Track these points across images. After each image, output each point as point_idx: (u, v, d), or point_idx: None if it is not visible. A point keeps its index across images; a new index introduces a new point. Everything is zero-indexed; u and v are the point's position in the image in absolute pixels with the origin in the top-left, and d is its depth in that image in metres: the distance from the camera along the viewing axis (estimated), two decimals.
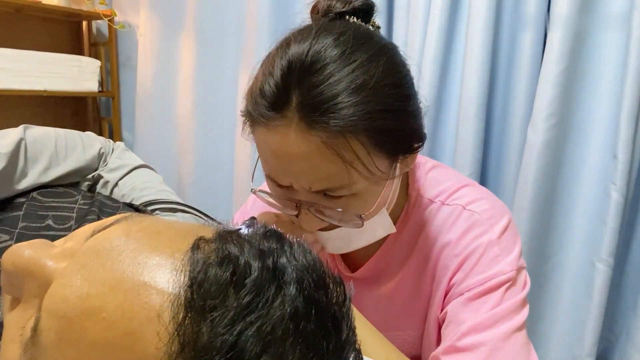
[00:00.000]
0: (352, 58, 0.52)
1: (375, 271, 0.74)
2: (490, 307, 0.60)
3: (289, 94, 0.51)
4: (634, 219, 1.25)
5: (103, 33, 2.10)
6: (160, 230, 0.30)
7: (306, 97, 0.51)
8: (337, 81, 0.51)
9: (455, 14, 1.34)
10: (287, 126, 0.52)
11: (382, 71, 0.53)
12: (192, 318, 0.25)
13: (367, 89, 0.52)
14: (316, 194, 0.56)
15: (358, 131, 0.52)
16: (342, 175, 0.54)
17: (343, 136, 0.51)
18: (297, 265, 0.28)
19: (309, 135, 0.51)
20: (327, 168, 0.53)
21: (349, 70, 0.52)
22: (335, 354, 0.28)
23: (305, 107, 0.51)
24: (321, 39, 0.53)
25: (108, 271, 0.27)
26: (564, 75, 1.19)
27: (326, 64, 0.51)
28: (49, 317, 0.27)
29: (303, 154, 0.52)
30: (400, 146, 0.58)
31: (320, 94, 0.50)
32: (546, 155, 1.23)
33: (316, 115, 0.50)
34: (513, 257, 0.64)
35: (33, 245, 0.31)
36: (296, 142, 0.52)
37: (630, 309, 1.26)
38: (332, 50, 0.52)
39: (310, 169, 0.53)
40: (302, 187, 0.56)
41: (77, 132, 0.71)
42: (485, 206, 0.67)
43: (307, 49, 0.52)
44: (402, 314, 0.74)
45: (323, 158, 0.52)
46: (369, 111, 0.52)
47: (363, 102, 0.51)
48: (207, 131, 1.83)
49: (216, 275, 0.26)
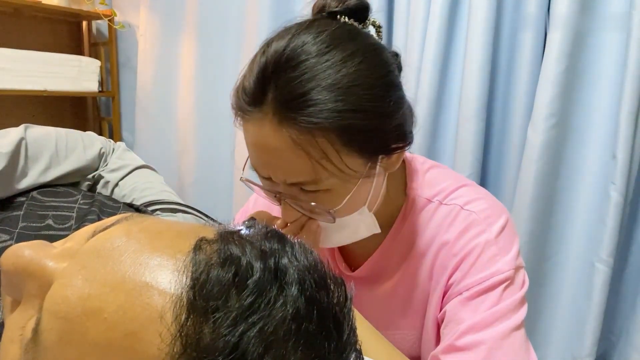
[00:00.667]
0: (327, 57, 0.53)
1: (375, 270, 0.74)
2: (489, 306, 0.61)
3: (265, 89, 0.53)
4: (633, 219, 1.25)
5: (103, 33, 2.10)
6: (161, 230, 0.30)
7: (280, 92, 0.53)
8: (310, 79, 0.52)
9: (455, 14, 1.34)
10: (262, 120, 0.54)
11: (355, 71, 0.54)
12: (194, 319, 0.25)
13: (338, 87, 0.52)
14: (292, 187, 0.58)
15: (326, 129, 0.52)
16: (309, 171, 0.55)
17: (311, 133, 0.52)
18: (298, 265, 0.28)
19: (280, 130, 0.53)
20: (295, 163, 0.54)
21: (323, 68, 0.53)
22: (336, 355, 0.28)
23: (278, 103, 0.53)
24: (300, 37, 0.54)
25: (109, 271, 0.27)
26: (564, 75, 1.19)
27: (301, 60, 0.53)
28: (49, 317, 0.27)
29: (276, 148, 0.54)
30: (375, 146, 0.58)
31: (293, 91, 0.52)
32: (546, 155, 1.23)
33: (287, 111, 0.52)
34: (511, 257, 0.64)
35: (33, 245, 0.31)
36: (270, 137, 0.54)
37: (630, 309, 1.26)
38: (309, 47, 0.53)
39: (282, 163, 0.55)
40: (278, 179, 0.58)
41: (78, 132, 0.71)
42: (483, 206, 0.67)
43: (285, 45, 0.54)
44: (400, 313, 0.74)
45: (291, 153, 0.54)
46: (338, 110, 0.52)
47: (333, 101, 0.52)
48: (207, 131, 1.83)
49: (218, 276, 0.26)
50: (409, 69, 1.38)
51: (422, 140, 1.35)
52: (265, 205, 0.81)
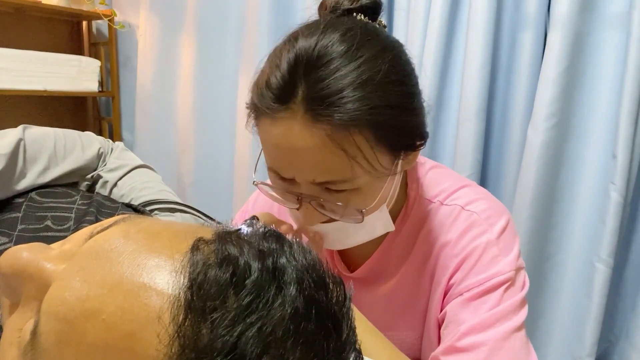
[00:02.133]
0: (359, 54, 0.53)
1: (374, 271, 0.74)
2: (490, 307, 0.60)
3: (295, 87, 0.52)
4: (633, 219, 1.25)
5: (103, 33, 2.10)
6: (159, 231, 0.30)
7: (312, 90, 0.51)
8: (343, 76, 0.51)
9: (456, 14, 1.34)
10: (292, 118, 0.52)
11: (387, 68, 0.54)
12: (192, 319, 0.25)
13: (372, 84, 0.52)
14: (318, 188, 0.56)
15: (362, 125, 0.52)
16: (345, 169, 0.54)
17: (347, 130, 0.52)
18: (297, 265, 0.28)
19: (313, 128, 0.52)
20: (330, 161, 0.53)
21: (354, 66, 0.52)
22: (335, 354, 0.28)
23: (311, 100, 0.51)
24: (328, 34, 0.54)
25: (107, 273, 0.27)
26: (564, 75, 1.19)
27: (332, 58, 0.52)
28: (48, 319, 0.27)
29: (307, 146, 0.52)
30: (403, 143, 0.58)
31: (326, 88, 0.51)
32: (546, 155, 1.23)
33: (321, 108, 0.51)
34: (512, 257, 0.64)
35: (31, 247, 0.31)
36: (300, 135, 0.52)
37: (630, 309, 1.26)
38: (338, 46, 0.53)
39: (314, 162, 0.54)
40: (304, 179, 0.56)
41: (76, 132, 0.71)
42: (484, 206, 0.67)
43: (315, 43, 0.53)
44: (400, 314, 0.74)
45: (327, 151, 0.52)
46: (373, 106, 0.52)
47: (368, 97, 0.52)
48: (207, 131, 1.83)
49: (216, 277, 0.26)
50: None
51: None
52: (265, 206, 0.81)
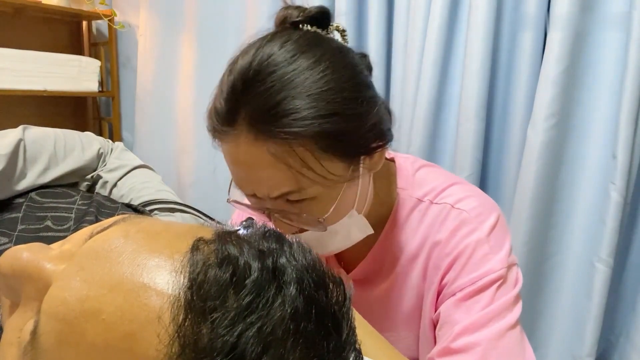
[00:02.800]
0: (294, 65, 0.53)
1: (369, 272, 0.73)
2: (483, 306, 0.60)
3: (237, 107, 0.53)
4: (633, 219, 1.25)
5: (103, 33, 2.10)
6: (159, 231, 0.30)
7: (252, 108, 0.52)
8: (280, 89, 0.52)
9: (455, 14, 1.34)
10: (237, 138, 0.54)
11: (323, 76, 0.54)
12: (192, 319, 0.25)
13: (308, 94, 0.52)
14: (279, 200, 0.57)
15: (303, 137, 0.52)
16: (291, 182, 0.55)
17: (288, 144, 0.52)
18: (296, 265, 0.28)
19: (256, 145, 0.53)
20: (276, 176, 0.54)
21: (291, 77, 0.52)
22: (335, 354, 0.28)
23: (251, 119, 0.52)
24: (265, 49, 0.54)
25: (107, 273, 0.27)
26: (564, 75, 1.19)
27: (269, 72, 0.52)
28: (48, 319, 0.27)
29: (254, 163, 0.54)
30: (354, 148, 0.58)
31: (264, 104, 0.52)
32: (546, 155, 1.23)
33: (261, 125, 0.52)
34: (503, 255, 0.64)
35: (31, 247, 0.31)
36: (247, 153, 0.54)
37: (630, 309, 1.26)
38: (275, 58, 0.53)
39: (263, 178, 0.55)
40: (262, 194, 0.57)
41: (76, 133, 0.71)
42: (474, 204, 0.67)
43: (251, 60, 0.53)
44: (396, 314, 0.74)
45: (271, 167, 0.53)
46: (312, 117, 0.52)
47: (306, 108, 0.52)
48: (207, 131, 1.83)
49: (216, 276, 0.26)
50: (409, 69, 1.38)
51: (422, 140, 1.35)
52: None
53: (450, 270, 0.64)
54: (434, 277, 0.67)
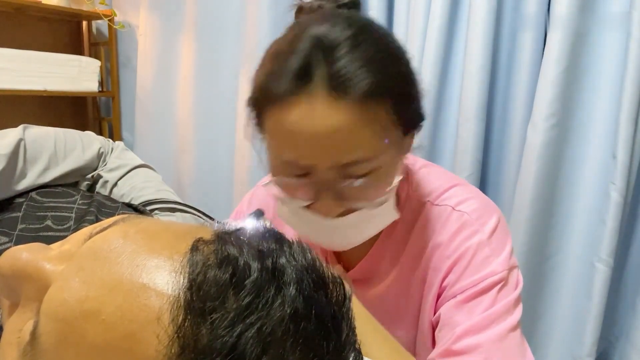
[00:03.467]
0: (368, 36, 0.55)
1: (368, 272, 0.73)
2: (484, 308, 0.60)
3: (314, 68, 0.52)
4: (633, 219, 1.25)
5: (103, 33, 2.10)
6: (158, 231, 0.30)
7: (331, 69, 0.52)
8: (360, 55, 0.53)
9: (456, 14, 1.34)
10: (312, 100, 0.52)
11: (396, 48, 0.58)
12: (191, 320, 0.25)
13: (388, 60, 0.56)
14: (338, 174, 0.55)
15: (384, 97, 0.54)
16: (371, 144, 0.54)
17: (369, 103, 0.53)
18: (296, 265, 0.28)
19: (336, 105, 0.52)
20: (356, 138, 0.53)
21: (369, 43, 0.54)
22: (335, 354, 0.28)
23: (332, 78, 0.52)
24: (336, 21, 0.55)
25: (106, 273, 0.27)
26: (564, 75, 1.19)
27: (344, 40, 0.53)
28: (47, 320, 0.27)
29: (332, 125, 0.52)
30: (413, 118, 0.60)
31: (345, 67, 0.52)
32: (546, 155, 1.23)
33: (343, 84, 0.52)
34: (504, 257, 0.63)
35: (30, 248, 0.31)
36: (323, 115, 0.52)
37: (630, 309, 1.26)
38: (348, 31, 0.54)
39: (340, 141, 0.53)
40: (326, 164, 0.54)
41: (77, 132, 0.71)
42: (475, 206, 0.67)
43: (327, 28, 0.54)
44: (393, 315, 0.73)
45: (353, 127, 0.52)
46: (392, 77, 0.55)
47: (387, 72, 0.54)
48: (207, 131, 1.83)
49: (215, 277, 0.26)
50: None
51: (422, 140, 1.35)
52: (261, 205, 0.81)
53: (451, 272, 0.64)
54: (434, 279, 0.66)
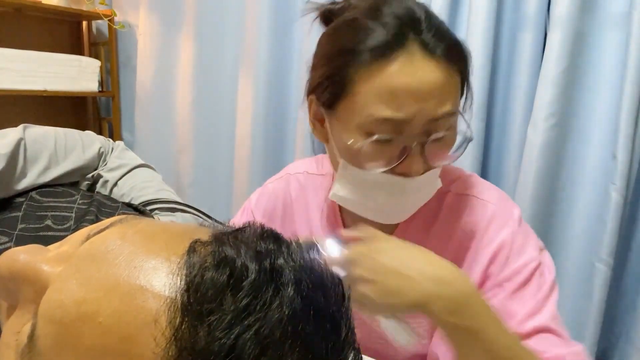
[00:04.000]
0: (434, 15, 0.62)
1: None
2: (533, 294, 0.65)
3: (405, 34, 0.58)
4: (633, 219, 1.25)
5: (103, 33, 2.10)
6: (155, 232, 0.29)
7: (421, 34, 0.58)
8: (439, 26, 0.60)
9: (456, 14, 1.34)
10: (410, 57, 0.58)
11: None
12: (189, 322, 0.25)
13: (454, 35, 0.62)
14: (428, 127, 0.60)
15: (457, 57, 0.60)
16: (455, 98, 0.61)
17: (452, 61, 0.59)
18: (294, 266, 0.28)
19: (430, 62, 0.58)
20: (447, 91, 0.59)
21: (439, 20, 0.61)
22: (334, 355, 0.28)
23: (422, 41, 0.58)
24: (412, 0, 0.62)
25: (104, 275, 0.27)
26: (564, 75, 1.19)
27: (425, 14, 0.60)
28: (45, 322, 0.27)
29: (430, 79, 0.58)
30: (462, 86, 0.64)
31: (438, 29, 0.59)
32: (546, 155, 1.23)
33: (432, 46, 0.58)
34: (534, 242, 0.68)
35: (28, 250, 0.31)
36: (423, 70, 0.57)
37: (630, 309, 1.26)
38: (422, 9, 0.61)
39: (437, 94, 0.58)
40: (424, 117, 0.58)
41: (77, 132, 0.71)
42: (496, 194, 0.71)
43: (410, 3, 0.60)
44: None
45: (445, 81, 0.58)
46: (455, 41, 0.61)
47: (458, 42, 0.62)
48: (207, 131, 1.83)
49: (213, 279, 0.26)
50: None
51: None
52: (267, 206, 0.82)
53: (492, 264, 0.67)
54: (469, 270, 0.68)
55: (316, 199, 0.81)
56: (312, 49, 0.67)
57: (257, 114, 1.67)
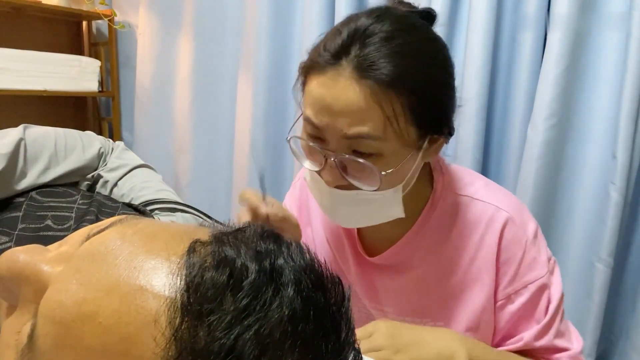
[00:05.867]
0: (411, 34, 0.61)
1: (398, 258, 0.75)
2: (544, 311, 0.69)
3: (349, 48, 0.59)
4: (633, 219, 1.25)
5: (103, 33, 2.10)
6: (155, 232, 0.29)
7: (362, 52, 0.58)
8: (394, 47, 0.58)
9: (455, 14, 1.34)
10: (338, 74, 0.59)
11: (436, 51, 0.63)
12: (188, 322, 0.25)
13: (419, 59, 0.60)
14: (346, 146, 0.61)
15: (401, 90, 0.58)
16: (378, 125, 0.59)
17: (387, 91, 0.58)
18: (294, 266, 0.28)
19: (358, 83, 0.58)
20: (366, 114, 0.58)
21: (405, 41, 0.60)
22: (334, 355, 0.28)
23: (360, 60, 0.58)
24: (387, 16, 0.61)
25: (104, 275, 0.27)
26: (564, 75, 1.19)
27: (388, 31, 0.59)
28: (45, 322, 0.27)
29: (347, 98, 0.58)
30: (433, 122, 0.63)
31: (374, 52, 0.58)
32: (546, 155, 1.23)
33: (369, 66, 0.58)
34: (545, 255, 0.70)
35: (28, 250, 0.30)
36: (344, 87, 0.58)
37: (630, 309, 1.26)
38: (390, 27, 0.60)
39: (351, 111, 0.59)
40: (337, 132, 0.60)
41: (77, 132, 0.71)
42: (511, 203, 0.72)
43: (372, 21, 0.60)
44: (414, 303, 0.76)
45: (365, 105, 0.58)
46: (415, 75, 0.59)
47: (412, 67, 0.59)
48: (206, 131, 1.83)
49: (213, 279, 0.26)
50: None
51: None
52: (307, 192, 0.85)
53: (504, 275, 0.70)
54: (484, 276, 0.70)
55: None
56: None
57: (257, 114, 1.67)
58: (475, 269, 0.71)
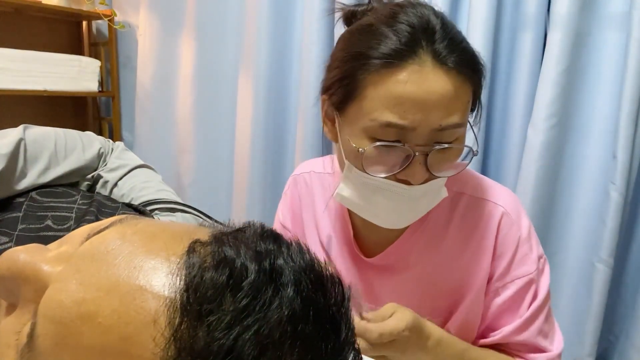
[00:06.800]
0: (451, 24, 0.62)
1: (395, 258, 0.75)
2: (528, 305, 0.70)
3: (418, 42, 0.58)
4: (633, 219, 1.25)
5: (103, 33, 2.10)
6: (155, 232, 0.29)
7: (435, 42, 0.58)
8: (454, 34, 0.60)
9: (455, 14, 1.34)
10: (421, 66, 0.58)
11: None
12: (188, 322, 0.25)
13: (468, 44, 0.62)
14: (432, 139, 0.60)
15: (470, 74, 0.60)
16: (463, 112, 0.60)
17: (464, 77, 0.59)
18: (294, 266, 0.28)
19: (441, 73, 0.58)
20: (455, 103, 0.59)
21: (455, 28, 0.61)
22: (334, 355, 0.28)
23: (435, 51, 0.58)
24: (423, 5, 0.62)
25: (103, 275, 0.27)
26: (564, 75, 1.19)
27: (444, 23, 0.60)
28: (45, 322, 0.27)
29: (439, 90, 0.57)
30: (474, 103, 0.64)
31: (443, 39, 0.58)
32: (546, 155, 1.23)
33: (444, 56, 0.58)
34: (536, 255, 0.71)
35: (28, 249, 0.30)
36: (432, 80, 0.57)
37: (630, 310, 1.26)
38: (437, 13, 0.61)
39: (444, 105, 0.58)
40: (429, 126, 0.58)
41: (77, 132, 0.71)
42: (509, 200, 0.72)
43: (427, 12, 0.60)
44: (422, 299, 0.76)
45: (455, 94, 0.58)
46: (473, 58, 0.61)
47: (470, 52, 0.62)
48: (207, 131, 1.83)
49: (212, 279, 0.26)
50: None
51: None
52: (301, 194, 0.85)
53: (496, 267, 0.70)
54: (479, 271, 0.70)
55: (323, 197, 0.82)
56: (312, 49, 0.68)
57: (257, 114, 1.67)
58: (472, 265, 0.71)
